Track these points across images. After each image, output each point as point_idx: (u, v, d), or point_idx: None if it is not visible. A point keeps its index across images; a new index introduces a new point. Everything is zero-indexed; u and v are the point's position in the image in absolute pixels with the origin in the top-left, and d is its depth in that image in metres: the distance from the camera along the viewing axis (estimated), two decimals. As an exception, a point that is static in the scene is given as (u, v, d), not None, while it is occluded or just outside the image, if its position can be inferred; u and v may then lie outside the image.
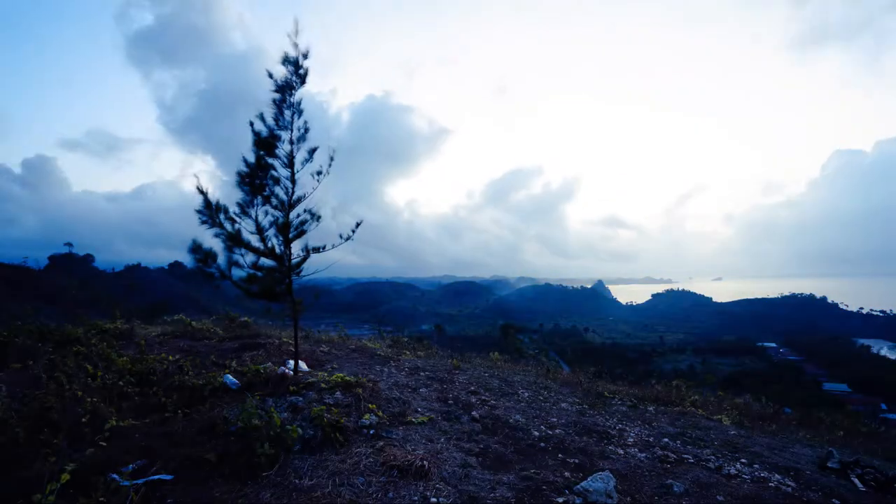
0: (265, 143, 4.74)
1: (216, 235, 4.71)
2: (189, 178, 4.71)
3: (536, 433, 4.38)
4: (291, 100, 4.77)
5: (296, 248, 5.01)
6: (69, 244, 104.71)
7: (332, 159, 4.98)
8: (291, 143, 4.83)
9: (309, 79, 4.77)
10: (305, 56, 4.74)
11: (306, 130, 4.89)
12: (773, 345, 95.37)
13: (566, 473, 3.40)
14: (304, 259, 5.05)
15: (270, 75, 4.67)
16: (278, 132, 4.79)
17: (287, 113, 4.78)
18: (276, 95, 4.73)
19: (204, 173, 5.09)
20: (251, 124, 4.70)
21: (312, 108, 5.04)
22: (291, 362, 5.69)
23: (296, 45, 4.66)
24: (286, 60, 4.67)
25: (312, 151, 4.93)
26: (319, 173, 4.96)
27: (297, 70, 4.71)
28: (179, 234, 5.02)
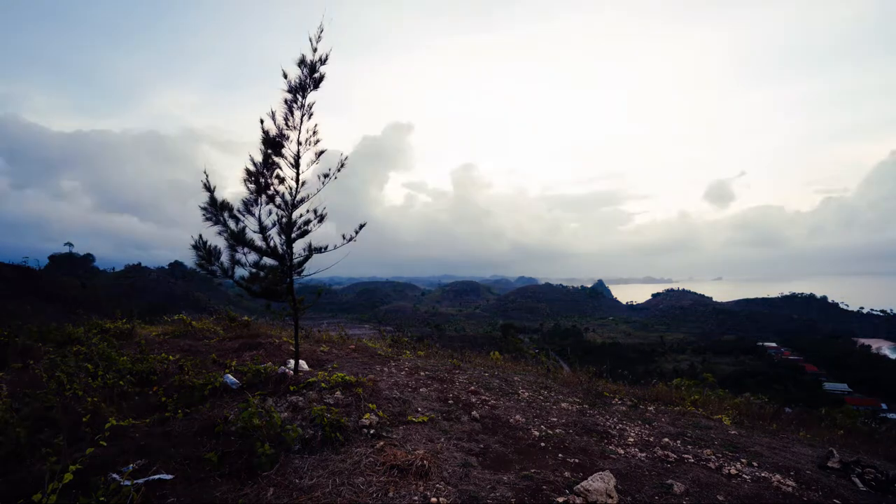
0: (272, 142, 4.71)
1: (219, 233, 4.70)
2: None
3: (537, 433, 4.38)
4: (303, 101, 4.74)
5: (298, 247, 5.00)
6: (69, 244, 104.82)
7: (342, 165, 4.95)
8: (299, 143, 4.81)
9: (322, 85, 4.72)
10: (323, 61, 4.67)
11: (315, 133, 4.85)
12: (773, 345, 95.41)
13: (566, 473, 3.40)
14: (307, 258, 5.04)
15: (285, 75, 4.61)
16: (287, 132, 4.75)
17: (297, 114, 4.74)
18: (288, 96, 4.67)
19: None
20: (261, 122, 4.67)
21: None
22: (292, 362, 5.69)
23: (314, 50, 4.62)
24: (302, 63, 4.61)
25: (320, 154, 4.90)
26: (326, 176, 4.92)
27: (311, 74, 4.67)
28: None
